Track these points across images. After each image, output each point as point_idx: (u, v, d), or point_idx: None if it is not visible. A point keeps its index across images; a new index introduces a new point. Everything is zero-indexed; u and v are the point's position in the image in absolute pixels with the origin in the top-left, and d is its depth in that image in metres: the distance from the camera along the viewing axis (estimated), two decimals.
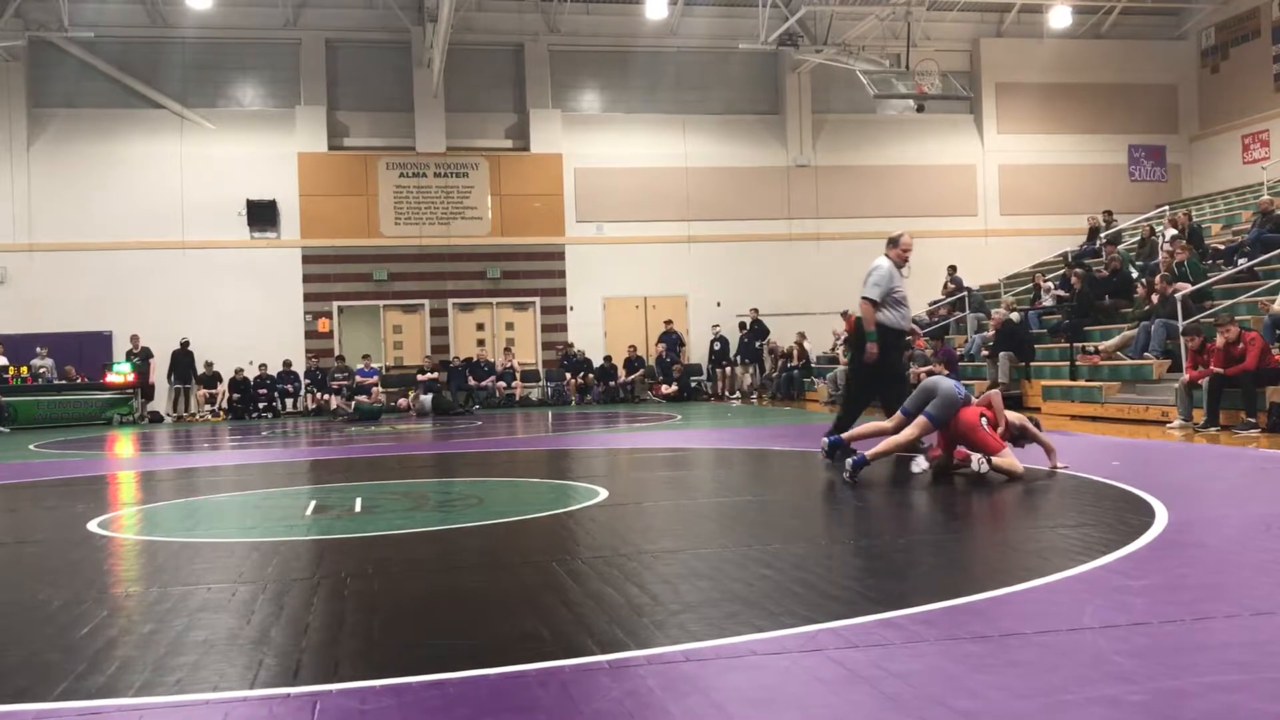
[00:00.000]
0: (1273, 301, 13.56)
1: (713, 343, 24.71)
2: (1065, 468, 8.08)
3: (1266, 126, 25.06)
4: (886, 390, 9.11)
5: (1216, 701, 2.88)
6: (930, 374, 11.23)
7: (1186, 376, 12.38)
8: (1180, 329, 13.71)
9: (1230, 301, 14.67)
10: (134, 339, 22.35)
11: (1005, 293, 21.76)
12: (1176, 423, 12.22)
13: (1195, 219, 20.07)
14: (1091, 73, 26.87)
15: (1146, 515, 5.87)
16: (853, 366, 9.84)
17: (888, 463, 8.25)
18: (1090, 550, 4.95)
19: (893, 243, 9.49)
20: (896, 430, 8.04)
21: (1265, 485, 7.47)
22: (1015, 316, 18.26)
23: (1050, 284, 19.82)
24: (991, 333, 17.85)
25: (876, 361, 9.19)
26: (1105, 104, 26.96)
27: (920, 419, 7.87)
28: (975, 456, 7.69)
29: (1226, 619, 3.74)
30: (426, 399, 21.78)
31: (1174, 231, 18.39)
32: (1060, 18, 25.69)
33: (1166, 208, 23.47)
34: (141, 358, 22.20)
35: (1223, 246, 18.24)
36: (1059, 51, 26.69)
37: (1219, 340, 11.98)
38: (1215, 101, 26.78)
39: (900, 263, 9.43)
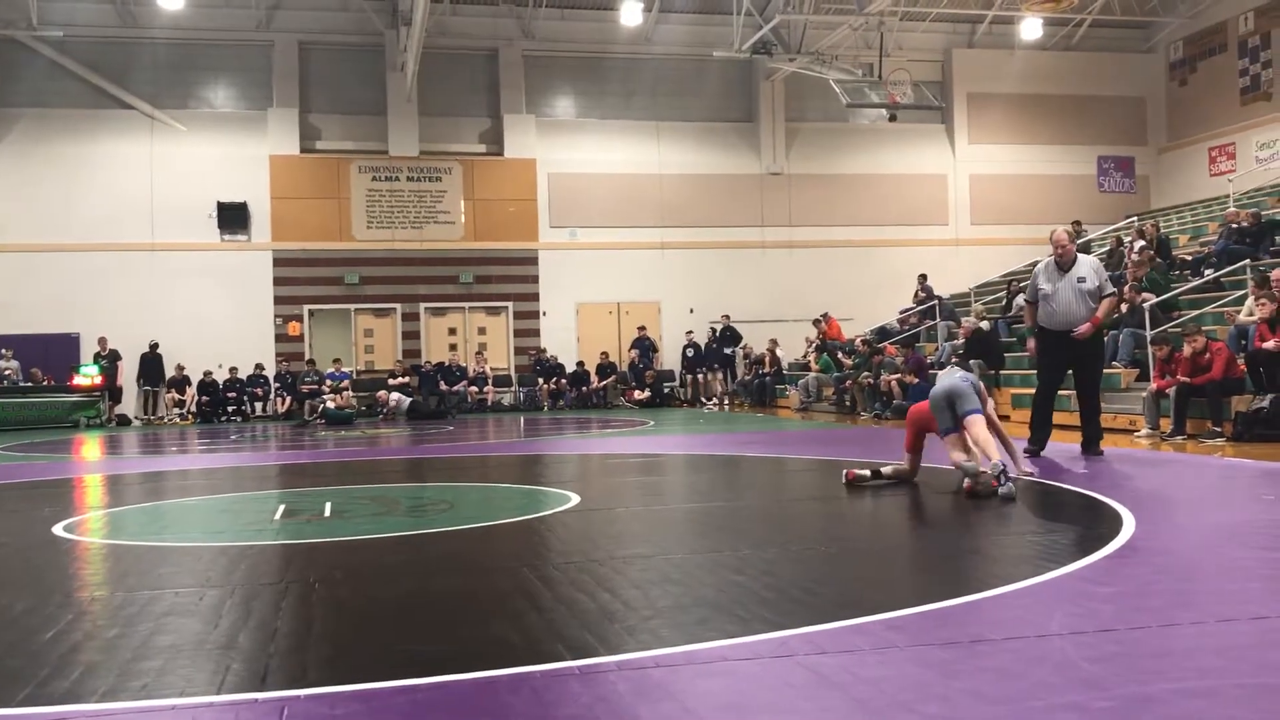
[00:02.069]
0: (1238, 312, 13.72)
1: (685, 349, 24.71)
2: (1031, 474, 8.12)
3: (1233, 139, 25.39)
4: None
5: (1183, 708, 2.91)
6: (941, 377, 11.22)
7: (1154, 386, 12.50)
8: (1148, 338, 13.85)
9: (1197, 312, 14.83)
10: (102, 341, 22.13)
11: (975, 301, 21.92)
12: (1144, 431, 12.33)
13: (1163, 230, 20.28)
14: (1062, 84, 27.14)
15: (1114, 523, 5.91)
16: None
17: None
18: (1058, 557, 4.98)
19: None
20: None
21: (1230, 493, 7.55)
22: (985, 325, 18.39)
23: (1022, 294, 19.94)
24: (961, 341, 17.96)
25: (1037, 358, 9.37)
26: (1075, 115, 27.23)
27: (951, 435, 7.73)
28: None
29: (1193, 625, 3.77)
30: (403, 401, 21.75)
31: (1142, 242, 18.56)
32: (1031, 29, 25.95)
33: (1135, 219, 23.72)
34: (109, 360, 21.98)
35: (1190, 257, 18.45)
36: (1030, 63, 26.95)
37: (1186, 350, 12.10)
38: (1183, 114, 27.10)
39: (1057, 260, 9.41)
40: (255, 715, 3.07)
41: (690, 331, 24.76)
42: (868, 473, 7.88)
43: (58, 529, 6.83)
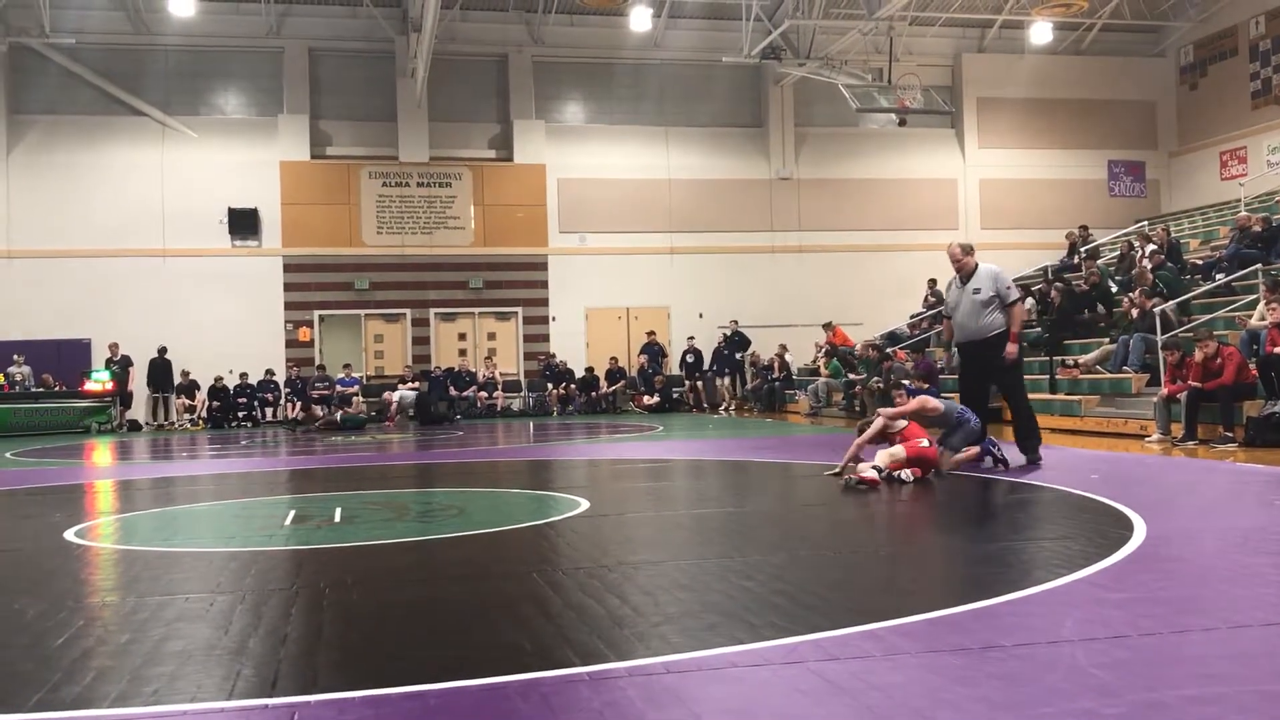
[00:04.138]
0: (1250, 317, 13.67)
1: (685, 354, 24.63)
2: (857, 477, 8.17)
3: (1244, 143, 25.28)
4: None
5: (1194, 714, 2.90)
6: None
7: (1165, 391, 12.45)
8: (1159, 343, 13.81)
9: (1208, 317, 14.78)
10: (113, 347, 22.19)
11: None
12: (1155, 436, 12.28)
13: (1174, 234, 20.22)
14: (1072, 88, 27.08)
15: (1125, 528, 5.89)
16: None
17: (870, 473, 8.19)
18: (1069, 563, 4.96)
19: None
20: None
21: (1242, 499, 7.51)
22: None
23: (1031, 297, 19.89)
24: None
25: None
26: (1085, 119, 27.16)
27: None
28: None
29: (1204, 632, 3.76)
30: (409, 396, 21.86)
31: (1153, 246, 18.52)
32: (1041, 34, 25.89)
33: (1145, 223, 23.66)
34: (120, 366, 22.03)
35: (1201, 262, 18.39)
36: (1040, 67, 26.89)
37: (1197, 355, 12.05)
38: (1194, 118, 27.01)
39: (958, 275, 9.61)
40: None
41: (692, 337, 24.68)
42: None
43: (69, 534, 6.85)
